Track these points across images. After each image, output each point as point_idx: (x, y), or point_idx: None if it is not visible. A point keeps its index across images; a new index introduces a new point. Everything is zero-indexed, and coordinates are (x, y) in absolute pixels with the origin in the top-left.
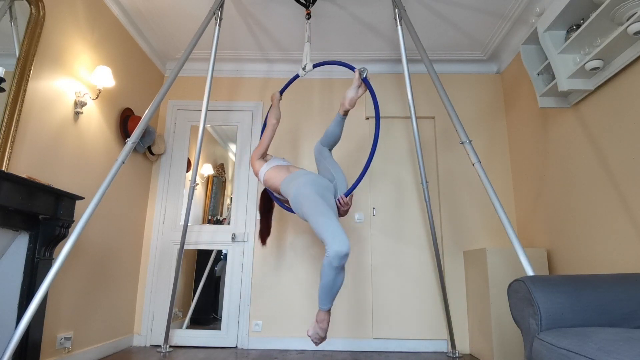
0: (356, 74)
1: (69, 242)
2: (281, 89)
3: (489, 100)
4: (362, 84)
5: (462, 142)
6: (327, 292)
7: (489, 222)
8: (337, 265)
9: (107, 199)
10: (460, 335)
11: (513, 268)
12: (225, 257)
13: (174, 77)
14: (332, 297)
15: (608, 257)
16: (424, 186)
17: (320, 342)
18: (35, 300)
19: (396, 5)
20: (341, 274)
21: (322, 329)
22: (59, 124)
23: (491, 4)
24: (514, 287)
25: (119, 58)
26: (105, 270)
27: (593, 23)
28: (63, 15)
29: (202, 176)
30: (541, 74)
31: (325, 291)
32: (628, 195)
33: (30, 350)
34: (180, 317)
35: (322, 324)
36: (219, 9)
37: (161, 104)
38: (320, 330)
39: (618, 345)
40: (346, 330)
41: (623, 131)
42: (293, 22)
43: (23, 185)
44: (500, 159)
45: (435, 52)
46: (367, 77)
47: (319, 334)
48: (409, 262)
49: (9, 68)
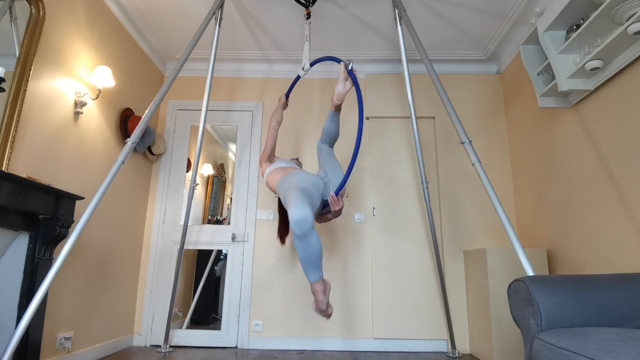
0: (341, 67)
1: (69, 242)
2: (287, 92)
3: (489, 100)
4: (349, 77)
5: (462, 142)
6: (306, 264)
7: (489, 222)
8: (298, 234)
9: (107, 199)
10: (460, 335)
11: (513, 268)
12: (225, 257)
13: (174, 77)
14: (313, 267)
15: (608, 257)
16: (424, 186)
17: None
18: (35, 300)
19: (396, 5)
20: (310, 241)
21: (319, 301)
22: (59, 124)
23: (491, 4)
24: (514, 287)
25: (119, 58)
26: (105, 270)
27: (593, 23)
28: (63, 15)
29: (202, 176)
30: (541, 74)
31: (305, 264)
32: (628, 195)
33: (30, 350)
34: (180, 317)
35: (316, 295)
36: (219, 9)
37: (161, 104)
38: (319, 302)
39: (618, 345)
40: (346, 330)
41: (623, 131)
42: (293, 22)
43: (23, 185)
44: (500, 159)
45: (435, 52)
46: (352, 69)
47: (319, 307)
48: (409, 262)
49: (9, 68)
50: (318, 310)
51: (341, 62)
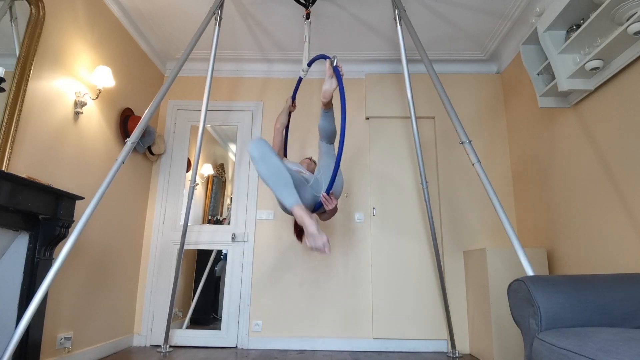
0: (327, 64)
1: (69, 242)
2: (292, 95)
3: (489, 100)
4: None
5: (462, 142)
6: (277, 186)
7: (489, 222)
8: (255, 155)
9: (107, 199)
10: (460, 335)
11: (513, 268)
12: (225, 257)
13: (174, 77)
14: (284, 187)
15: (608, 257)
16: (424, 186)
17: (321, 246)
18: (35, 300)
19: (396, 5)
20: (270, 160)
21: (307, 226)
22: (59, 124)
23: (491, 4)
24: (514, 287)
25: (119, 58)
26: (105, 270)
27: (593, 23)
28: (63, 15)
29: (202, 176)
30: (541, 74)
31: (275, 187)
32: (628, 195)
33: (30, 350)
34: (180, 317)
35: (305, 223)
36: (219, 9)
37: (161, 104)
38: (309, 232)
39: (618, 345)
40: (346, 330)
41: (623, 131)
42: (293, 22)
43: (23, 185)
44: (500, 159)
45: (435, 52)
46: (337, 66)
47: (310, 235)
48: (409, 262)
49: (9, 68)
50: (312, 243)
51: (327, 59)
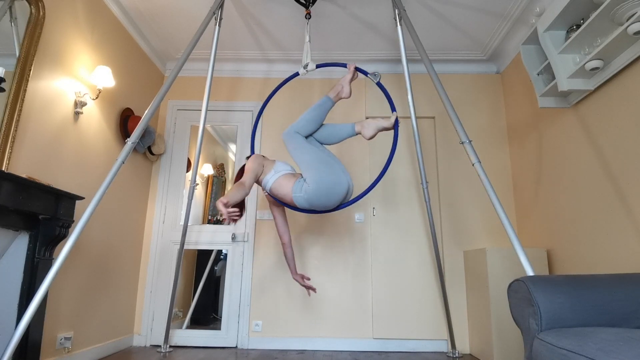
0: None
1: (69, 242)
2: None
3: (489, 100)
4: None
5: (462, 142)
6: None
7: (489, 222)
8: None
9: (107, 199)
10: (460, 335)
11: (513, 268)
12: (225, 257)
13: (174, 77)
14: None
15: (608, 257)
16: (424, 186)
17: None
18: (35, 300)
19: (396, 5)
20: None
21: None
22: (59, 124)
23: (491, 4)
24: (514, 287)
25: (119, 58)
26: (105, 270)
27: (593, 23)
28: (63, 15)
29: (202, 176)
30: (541, 74)
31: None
32: (628, 195)
33: (30, 350)
34: (180, 317)
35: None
36: (219, 9)
37: (161, 104)
38: (342, 86)
39: (618, 345)
40: (346, 330)
41: (623, 131)
42: (293, 22)
43: (23, 185)
44: (500, 159)
45: (435, 52)
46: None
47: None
48: (409, 262)
49: (9, 68)
50: (342, 92)
51: (368, 75)
